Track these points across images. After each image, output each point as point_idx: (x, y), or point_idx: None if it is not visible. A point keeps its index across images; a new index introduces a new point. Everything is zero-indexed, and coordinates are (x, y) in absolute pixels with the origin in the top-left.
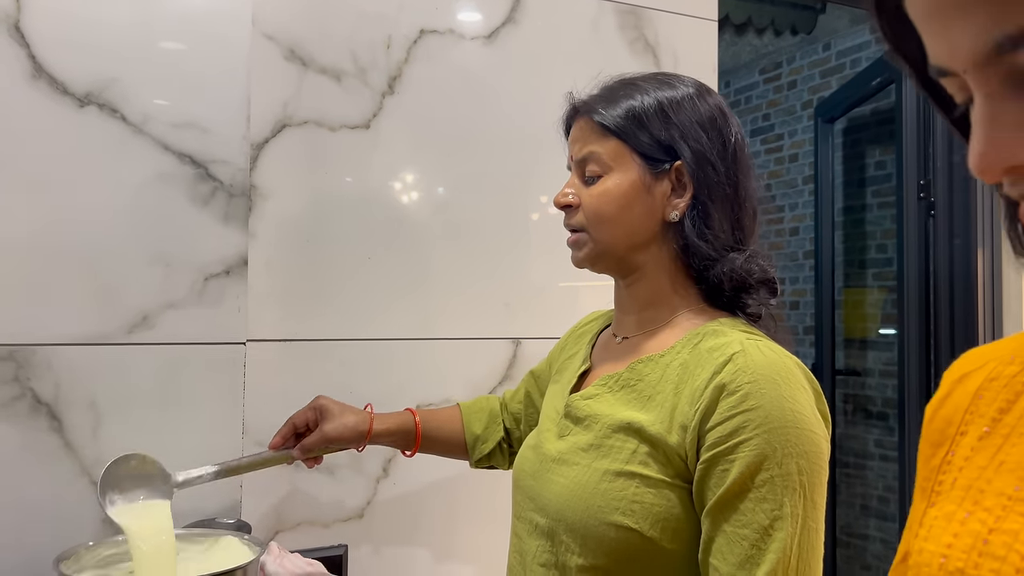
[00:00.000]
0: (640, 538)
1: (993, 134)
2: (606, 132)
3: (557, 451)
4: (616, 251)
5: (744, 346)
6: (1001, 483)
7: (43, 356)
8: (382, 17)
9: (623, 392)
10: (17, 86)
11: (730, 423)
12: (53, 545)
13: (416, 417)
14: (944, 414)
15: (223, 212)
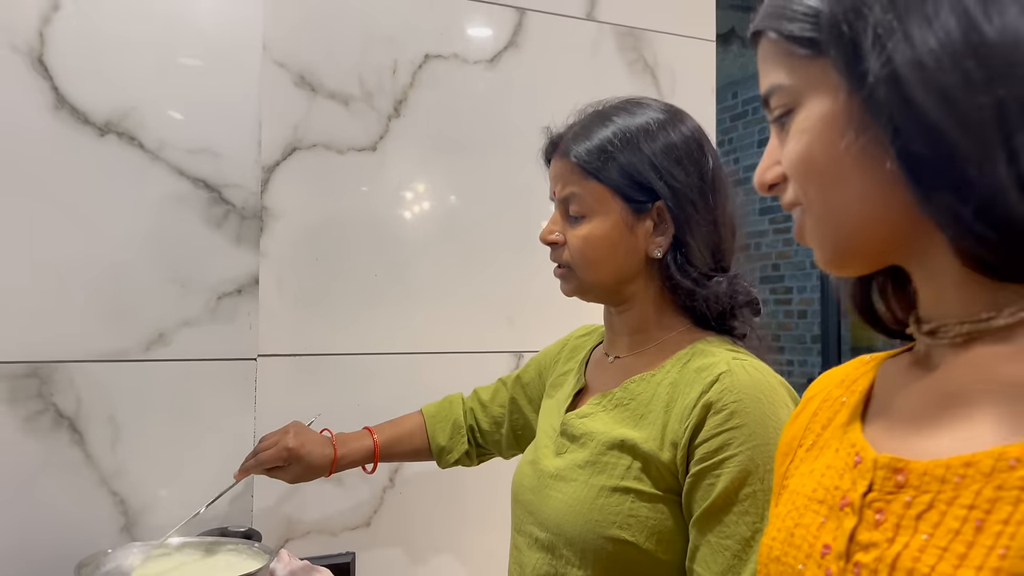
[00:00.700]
0: (636, 550)
1: (763, 159)
2: (586, 174)
3: (555, 468)
4: (603, 287)
5: (731, 366)
6: (806, 486)
7: (65, 372)
8: (388, 43)
9: (617, 410)
10: (41, 116)
11: (716, 440)
12: (74, 552)
13: (374, 436)
14: (792, 430)
15: (236, 233)
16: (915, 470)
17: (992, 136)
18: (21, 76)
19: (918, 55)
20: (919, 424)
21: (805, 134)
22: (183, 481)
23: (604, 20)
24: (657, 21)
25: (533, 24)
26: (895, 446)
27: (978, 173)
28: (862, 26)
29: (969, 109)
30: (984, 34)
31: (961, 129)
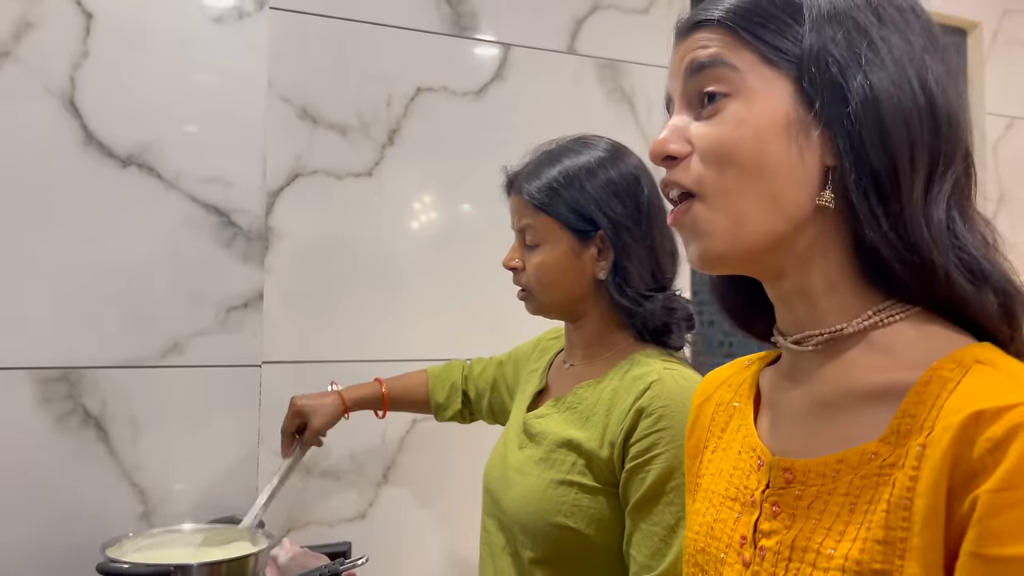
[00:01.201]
0: (578, 535)
1: (669, 131)
2: (537, 209)
3: (516, 462)
4: (558, 306)
5: (661, 375)
6: (718, 485)
7: (91, 377)
8: (383, 78)
9: (567, 413)
10: (71, 151)
11: (646, 440)
12: (100, 535)
13: (383, 387)
14: (698, 432)
15: (243, 253)
16: (800, 468)
17: (922, 168)
18: (55, 115)
19: (893, 91)
20: (799, 428)
21: (743, 125)
22: (195, 475)
23: (584, 53)
24: (634, 53)
25: (517, 58)
26: (784, 448)
27: (907, 194)
28: (847, 55)
29: (917, 141)
30: (934, 93)
31: (908, 154)
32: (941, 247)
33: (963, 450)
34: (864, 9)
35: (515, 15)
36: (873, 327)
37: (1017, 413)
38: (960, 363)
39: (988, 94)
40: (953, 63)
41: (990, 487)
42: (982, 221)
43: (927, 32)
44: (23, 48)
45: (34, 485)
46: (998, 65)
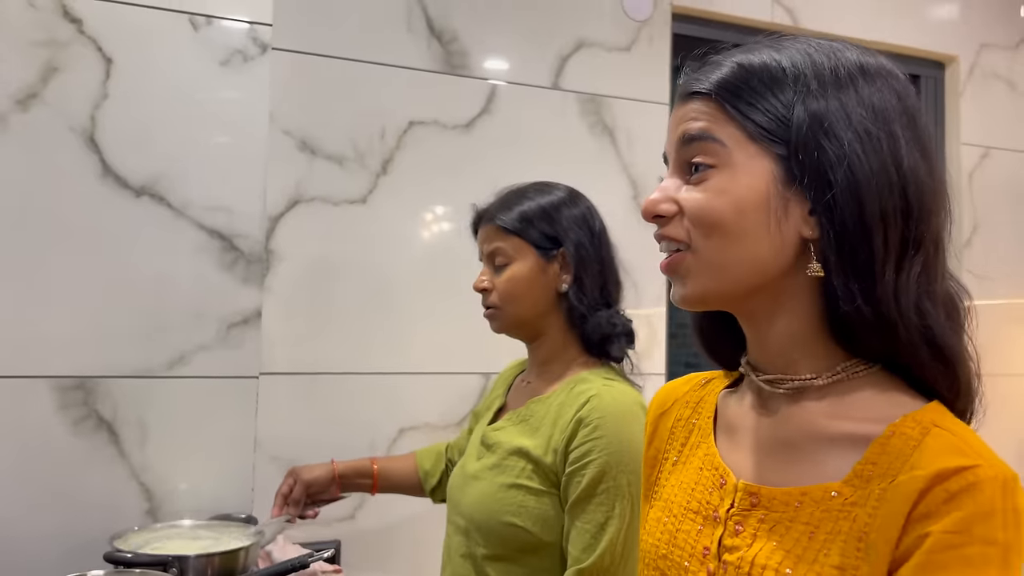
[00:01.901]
0: (526, 533)
1: (659, 192)
2: (508, 232)
3: (474, 470)
4: (524, 319)
5: (599, 391)
6: (680, 497)
7: (105, 386)
8: (377, 112)
9: (521, 425)
10: (91, 182)
11: (583, 447)
12: (109, 529)
13: (374, 465)
14: (656, 443)
15: (243, 275)
16: (766, 495)
17: (894, 248)
18: (76, 151)
19: (873, 176)
20: (766, 458)
21: (725, 195)
22: (197, 475)
23: (568, 88)
24: (616, 88)
25: (504, 93)
26: (750, 473)
27: (879, 270)
28: (831, 141)
29: (893, 225)
30: (908, 176)
31: (883, 236)
32: (908, 322)
33: (927, 497)
34: (847, 88)
35: (503, 53)
36: (839, 381)
37: (972, 473)
38: (920, 423)
39: (964, 125)
40: (927, 133)
41: (942, 528)
42: (948, 297)
43: (906, 109)
44: (49, 90)
45: (52, 482)
46: (974, 97)
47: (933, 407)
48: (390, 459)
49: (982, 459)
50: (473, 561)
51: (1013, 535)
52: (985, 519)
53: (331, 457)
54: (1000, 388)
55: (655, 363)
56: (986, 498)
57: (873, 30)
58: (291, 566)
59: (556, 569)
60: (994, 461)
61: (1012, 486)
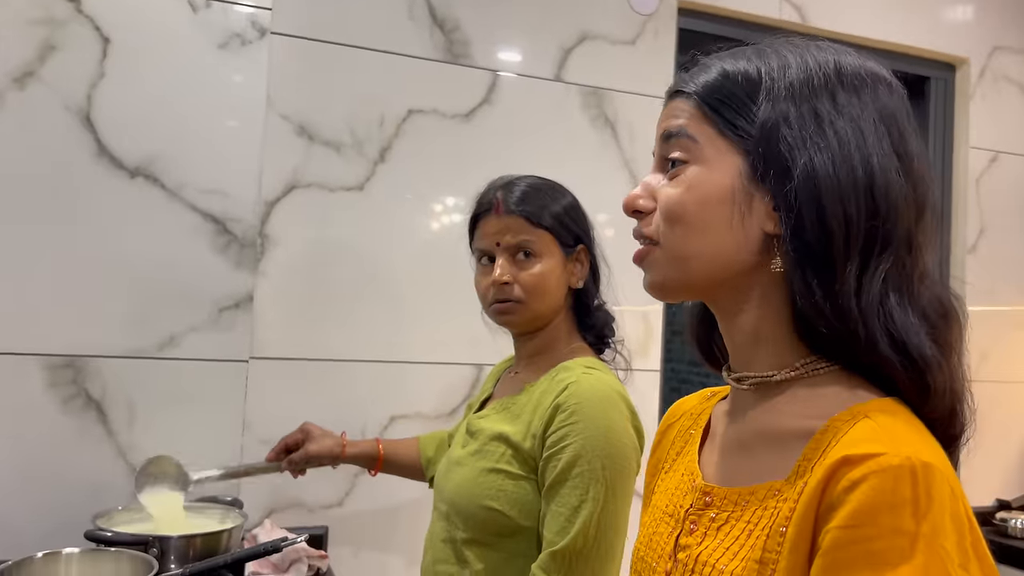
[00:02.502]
0: (504, 517)
1: (640, 187)
2: (539, 227)
3: (458, 456)
4: (542, 314)
5: (579, 378)
6: (663, 502)
7: (95, 365)
8: (377, 99)
9: (504, 412)
10: (86, 162)
11: (559, 432)
12: (94, 507)
13: (380, 446)
14: (658, 453)
15: (236, 259)
16: (718, 494)
17: (856, 248)
18: (72, 130)
19: (835, 179)
20: (728, 459)
21: (693, 189)
22: (184, 457)
23: (570, 81)
24: (619, 82)
25: (506, 84)
26: (713, 475)
27: (840, 270)
28: (796, 137)
29: (854, 226)
30: (875, 178)
31: (843, 236)
32: (869, 321)
33: (829, 487)
34: (820, 92)
35: (506, 44)
36: (798, 377)
37: (875, 461)
38: (853, 416)
39: (973, 128)
40: (908, 135)
41: (837, 524)
42: (934, 303)
43: (884, 112)
44: (46, 69)
45: (39, 459)
46: (984, 100)
47: (879, 402)
48: (395, 443)
49: (893, 447)
50: (453, 545)
51: (929, 525)
52: (892, 509)
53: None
54: (1005, 394)
55: (651, 360)
56: (891, 487)
57: (883, 29)
58: (264, 549)
59: (533, 554)
60: (907, 449)
61: (925, 473)
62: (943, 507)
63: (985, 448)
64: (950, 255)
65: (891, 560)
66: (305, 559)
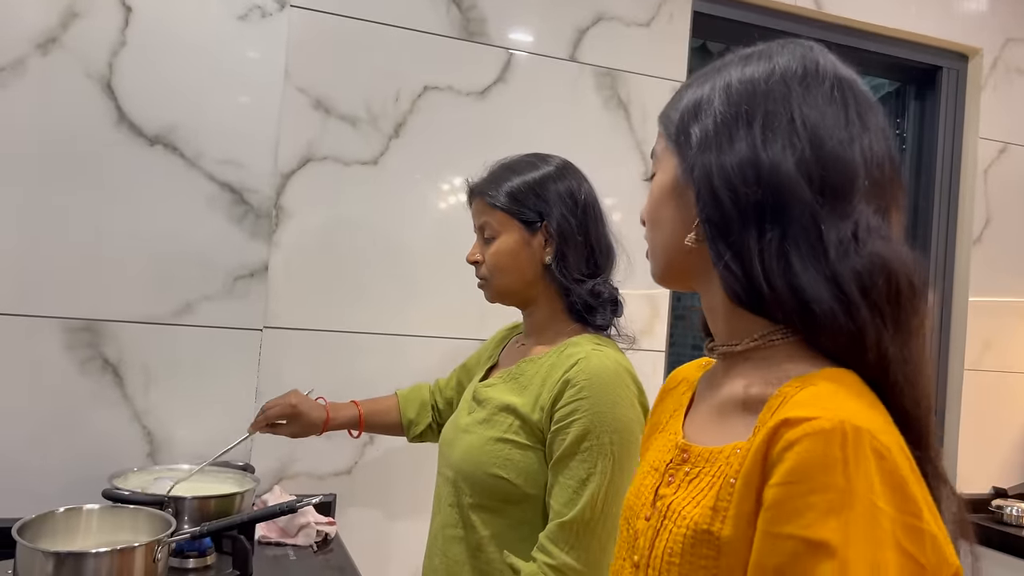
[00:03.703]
0: (510, 485)
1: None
2: (493, 207)
3: (464, 424)
4: (511, 290)
5: (588, 354)
6: (651, 457)
7: (112, 329)
8: (393, 75)
9: (511, 383)
10: (106, 129)
11: (569, 407)
12: (110, 468)
13: (360, 409)
14: (656, 415)
15: (251, 229)
16: (693, 451)
17: (751, 219)
18: (93, 97)
19: (723, 160)
20: (706, 421)
21: (651, 194)
22: (197, 422)
23: (584, 61)
24: (633, 63)
25: (520, 63)
26: (692, 435)
27: (740, 239)
28: (695, 135)
29: (743, 199)
30: (760, 157)
31: (736, 210)
32: (772, 278)
33: (771, 447)
34: (722, 103)
35: (521, 23)
36: (757, 348)
37: (810, 424)
38: (802, 383)
39: (983, 119)
40: (827, 127)
41: (776, 481)
42: (863, 272)
43: (780, 107)
44: (68, 36)
45: (57, 418)
46: (996, 92)
47: (830, 371)
48: (374, 403)
49: (829, 411)
50: (460, 510)
51: (860, 483)
52: (823, 468)
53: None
54: (1006, 384)
55: (656, 340)
56: (822, 448)
57: (897, 18)
58: (280, 509)
59: (537, 520)
60: (842, 413)
61: (855, 436)
62: (870, 466)
63: (984, 436)
64: (955, 245)
65: (821, 512)
66: (313, 525)
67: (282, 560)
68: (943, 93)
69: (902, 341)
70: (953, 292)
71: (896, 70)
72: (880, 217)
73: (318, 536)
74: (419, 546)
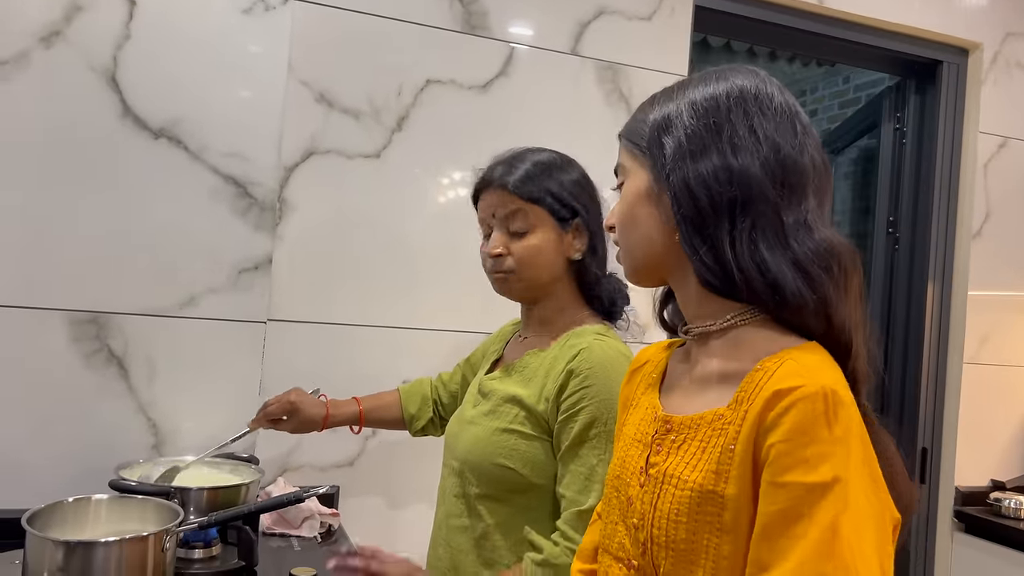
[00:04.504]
0: (516, 475)
1: (611, 210)
2: (528, 201)
3: (470, 416)
4: (536, 284)
5: (591, 344)
6: (631, 431)
7: (117, 322)
8: (395, 69)
9: (515, 375)
10: (111, 122)
11: (574, 396)
12: (115, 459)
13: (360, 406)
14: (627, 392)
15: (255, 222)
16: (676, 421)
17: (724, 214)
18: (97, 90)
19: (698, 167)
20: (684, 395)
21: (623, 200)
22: (202, 414)
23: (586, 55)
24: (634, 57)
25: (522, 57)
26: (672, 406)
27: (714, 232)
28: (670, 147)
29: (717, 198)
30: (730, 162)
31: (711, 207)
32: (743, 265)
33: (765, 414)
34: (691, 119)
35: (523, 16)
36: (732, 327)
37: (799, 391)
38: (780, 359)
39: (983, 113)
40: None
41: (776, 439)
42: (817, 255)
43: (750, 122)
44: (72, 29)
45: (62, 411)
46: (996, 86)
47: (802, 346)
48: (375, 399)
49: (810, 379)
50: (466, 500)
51: (839, 430)
52: (813, 423)
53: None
54: (1004, 378)
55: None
56: (811, 407)
57: (898, 12)
58: (287, 499)
59: (543, 509)
60: (821, 380)
61: (834, 396)
62: (848, 419)
63: (982, 429)
64: (955, 239)
65: (816, 459)
66: (317, 516)
67: (286, 551)
68: (943, 87)
69: (852, 308)
70: (953, 286)
71: (896, 64)
72: (820, 209)
73: (322, 527)
74: (422, 536)
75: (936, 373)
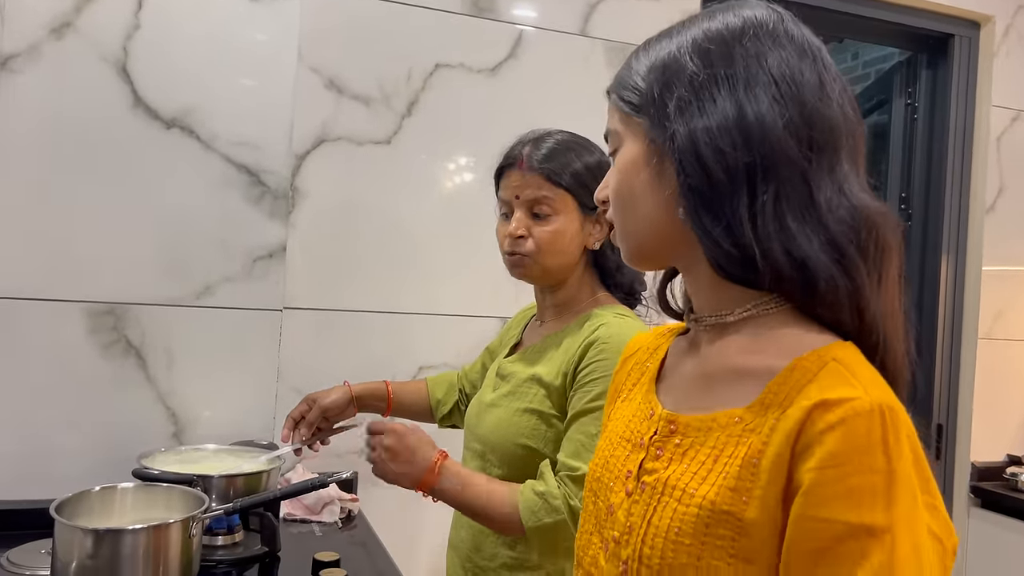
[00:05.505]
0: (538, 454)
1: (602, 181)
2: (557, 186)
3: (491, 399)
4: (558, 268)
5: (609, 320)
6: (619, 428)
7: (134, 312)
8: (404, 53)
9: (536, 356)
10: (122, 113)
11: (590, 367)
12: (137, 448)
13: (389, 387)
14: (618, 379)
15: (269, 210)
16: (682, 422)
17: (741, 183)
18: (108, 80)
19: (707, 124)
20: (688, 390)
21: (618, 171)
22: (220, 403)
23: (595, 36)
24: (644, 37)
25: (531, 38)
26: (673, 405)
27: (729, 206)
28: (671, 100)
29: (732, 163)
30: (746, 116)
31: (725, 175)
32: (766, 245)
33: (807, 427)
34: (696, 63)
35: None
36: (751, 317)
37: (850, 406)
38: (820, 358)
39: (996, 87)
40: (805, 81)
41: (816, 464)
42: (847, 231)
43: (767, 64)
44: (83, 20)
45: (82, 401)
46: (1008, 59)
47: (840, 344)
48: (403, 384)
49: (864, 392)
50: None
51: (897, 462)
52: (867, 449)
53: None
54: (1019, 352)
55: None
56: (865, 429)
57: None
58: (311, 484)
59: None
60: (875, 393)
61: (892, 416)
62: (904, 447)
63: (997, 404)
64: (968, 214)
65: (866, 495)
66: (337, 502)
67: (308, 536)
68: (955, 61)
69: (885, 294)
70: (967, 261)
71: (908, 38)
72: (855, 174)
73: (342, 512)
74: (440, 520)
75: (951, 349)
